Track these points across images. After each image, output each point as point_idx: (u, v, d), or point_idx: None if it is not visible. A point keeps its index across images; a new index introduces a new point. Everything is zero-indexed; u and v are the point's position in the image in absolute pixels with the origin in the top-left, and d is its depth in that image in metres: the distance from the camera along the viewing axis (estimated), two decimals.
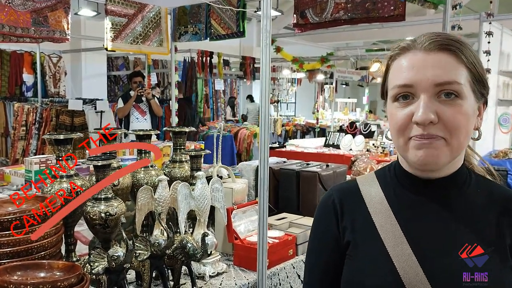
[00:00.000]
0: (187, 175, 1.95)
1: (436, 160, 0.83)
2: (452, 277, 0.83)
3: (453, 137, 0.82)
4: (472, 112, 0.85)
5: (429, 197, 0.89)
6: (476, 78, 0.86)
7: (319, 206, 1.00)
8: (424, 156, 0.83)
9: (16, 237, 1.30)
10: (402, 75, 0.85)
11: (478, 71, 0.86)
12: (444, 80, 0.81)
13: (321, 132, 9.36)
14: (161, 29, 4.44)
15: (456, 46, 0.84)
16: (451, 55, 0.83)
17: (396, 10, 3.08)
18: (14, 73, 7.25)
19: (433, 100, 0.82)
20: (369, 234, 0.90)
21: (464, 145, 0.86)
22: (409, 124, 0.84)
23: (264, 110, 1.72)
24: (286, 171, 2.50)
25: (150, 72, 7.33)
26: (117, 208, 1.54)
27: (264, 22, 1.61)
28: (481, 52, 4.45)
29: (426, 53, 0.84)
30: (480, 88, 0.87)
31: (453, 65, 0.83)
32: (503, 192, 0.92)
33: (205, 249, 1.54)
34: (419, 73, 0.83)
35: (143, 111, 5.58)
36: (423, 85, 0.82)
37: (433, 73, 0.82)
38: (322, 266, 0.97)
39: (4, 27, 3.25)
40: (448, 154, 0.84)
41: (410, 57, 0.85)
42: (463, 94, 0.83)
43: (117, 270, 1.37)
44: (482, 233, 0.86)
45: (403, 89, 0.85)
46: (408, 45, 0.87)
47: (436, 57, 0.83)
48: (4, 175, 3.06)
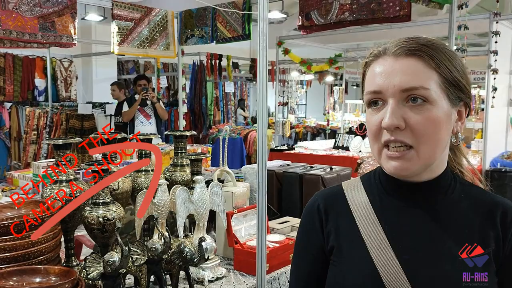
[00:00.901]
0: (188, 179, 1.95)
1: (407, 170, 0.84)
2: (441, 280, 0.83)
3: (420, 144, 0.82)
4: (444, 117, 0.83)
5: (413, 202, 0.89)
6: (450, 82, 0.84)
7: (304, 211, 1.01)
8: (395, 169, 0.84)
9: (13, 242, 1.31)
10: (373, 82, 0.86)
11: (453, 74, 0.84)
12: (410, 85, 0.82)
13: (332, 134, 9.32)
14: (168, 32, 4.46)
15: (424, 50, 0.83)
16: (419, 60, 0.83)
17: (401, 11, 3.05)
18: (26, 78, 7.35)
19: (401, 105, 0.83)
20: (353, 239, 0.90)
21: (436, 152, 0.85)
22: (380, 130, 0.85)
23: (262, 113, 1.70)
24: (289, 175, 2.49)
25: (160, 76, 7.36)
26: (115, 213, 1.54)
27: (260, 25, 1.60)
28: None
29: (394, 59, 0.84)
30: (456, 92, 0.85)
31: (421, 70, 0.83)
32: (487, 198, 0.91)
33: (202, 254, 1.53)
34: (387, 79, 0.84)
35: (148, 114, 5.54)
36: (390, 91, 0.83)
37: (399, 79, 0.82)
38: (306, 271, 0.97)
39: (12, 33, 3.29)
40: (420, 164, 0.84)
41: (380, 63, 0.86)
42: (432, 99, 0.82)
43: (113, 275, 1.37)
44: (468, 237, 0.86)
45: (373, 95, 0.86)
46: (379, 52, 0.87)
47: (404, 63, 0.83)
48: (12, 179, 3.11)
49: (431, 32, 6.62)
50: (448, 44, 2.96)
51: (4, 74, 7.08)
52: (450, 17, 2.94)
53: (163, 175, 1.93)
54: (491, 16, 4.48)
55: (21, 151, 6.59)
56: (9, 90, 7.13)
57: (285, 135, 7.98)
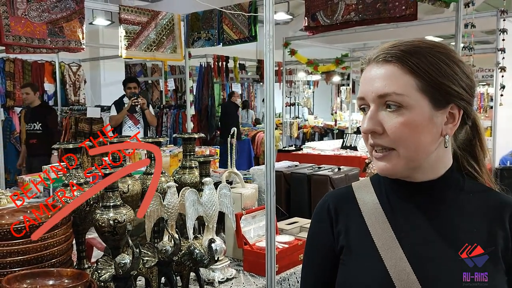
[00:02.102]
0: (197, 181, 1.96)
1: (391, 170, 0.87)
2: (448, 279, 0.83)
3: (400, 148, 0.85)
4: (423, 121, 0.84)
5: (421, 202, 0.90)
6: (432, 85, 0.84)
7: (314, 212, 1.02)
8: (380, 169, 0.88)
9: (26, 245, 1.33)
10: (360, 88, 0.91)
11: (435, 79, 0.84)
12: (384, 92, 0.84)
13: (340, 134, 9.30)
14: (175, 35, 4.48)
15: (400, 56, 0.84)
16: (395, 66, 0.85)
17: (407, 10, 3.04)
18: (35, 83, 7.43)
19: (380, 110, 0.86)
20: (363, 240, 0.90)
21: (417, 155, 0.86)
22: (367, 134, 0.89)
23: (269, 114, 1.72)
24: (297, 175, 2.50)
25: (167, 78, 7.41)
26: (126, 216, 1.56)
27: (267, 27, 1.61)
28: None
29: (375, 66, 0.87)
30: (441, 95, 0.84)
31: (396, 76, 0.84)
32: (496, 198, 0.92)
33: (212, 255, 1.55)
34: (367, 86, 0.87)
35: (137, 120, 5.34)
36: (369, 97, 0.87)
37: (376, 85, 0.85)
38: (317, 271, 0.99)
39: (21, 39, 3.34)
40: (403, 165, 0.86)
41: (367, 69, 0.90)
42: (407, 104, 0.83)
43: (124, 277, 1.39)
44: (476, 236, 0.86)
45: (360, 101, 0.90)
46: (368, 59, 0.90)
47: (382, 69, 0.86)
48: (23, 182, 3.15)
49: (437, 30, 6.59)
50: (455, 42, 2.95)
51: (14, 79, 7.16)
52: (457, 15, 2.93)
53: (172, 178, 1.95)
54: (498, 13, 4.45)
55: None
56: (19, 95, 7.21)
57: (293, 135, 7.98)
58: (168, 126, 6.78)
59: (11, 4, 3.23)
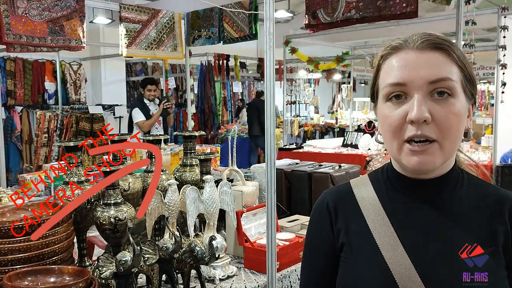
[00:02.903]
0: (198, 179, 1.96)
1: (431, 166, 0.83)
2: (448, 278, 0.83)
3: (445, 138, 0.82)
4: (463, 112, 0.84)
5: (422, 198, 0.89)
6: (467, 78, 0.85)
7: (313, 210, 1.01)
8: (418, 163, 0.82)
9: (28, 243, 1.34)
10: (395, 74, 0.84)
11: (469, 71, 0.86)
12: (438, 77, 0.81)
13: (341, 132, 9.30)
14: (175, 34, 4.48)
15: (447, 45, 0.84)
16: (443, 54, 0.83)
17: (408, 7, 3.04)
18: (36, 82, 7.43)
19: (427, 99, 0.82)
20: (363, 237, 0.90)
21: (455, 146, 0.86)
22: (403, 125, 0.83)
23: (269, 113, 1.72)
24: (298, 173, 2.50)
25: (168, 77, 7.41)
26: (127, 213, 1.56)
27: (267, 25, 1.61)
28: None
29: (418, 52, 0.83)
30: (471, 88, 0.87)
31: (446, 63, 0.83)
32: (495, 192, 0.91)
33: (212, 253, 1.55)
34: (412, 72, 0.82)
35: (159, 121, 5.49)
36: (416, 84, 0.81)
37: (426, 71, 0.81)
38: (318, 269, 0.98)
39: (22, 37, 3.34)
40: (442, 158, 0.83)
41: (402, 56, 0.85)
42: (456, 92, 0.83)
43: (126, 274, 1.39)
44: (476, 232, 0.86)
45: (396, 87, 0.84)
46: (400, 44, 0.86)
47: (429, 56, 0.83)
48: (24, 181, 3.15)
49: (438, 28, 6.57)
50: (456, 40, 2.95)
51: (14, 78, 7.17)
52: (458, 13, 2.93)
53: (173, 175, 1.95)
54: (499, 11, 4.45)
55: (32, 154, 6.67)
56: (19, 94, 7.22)
57: (294, 134, 7.98)
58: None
59: (11, 2, 3.23)
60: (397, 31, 6.38)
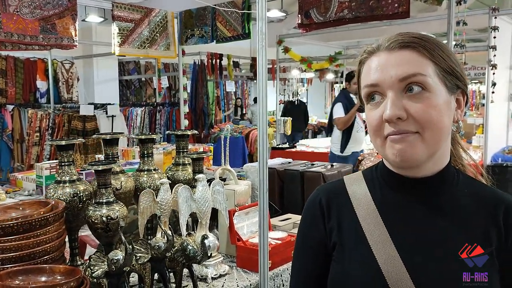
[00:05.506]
0: (190, 178, 1.96)
1: (412, 155, 0.83)
2: (442, 278, 0.82)
3: (425, 131, 0.82)
4: (444, 104, 0.85)
5: (416, 197, 0.89)
6: (446, 70, 0.86)
7: (306, 206, 1.00)
8: (399, 151, 0.83)
9: (19, 242, 1.33)
10: (369, 77, 0.88)
11: (448, 63, 0.86)
12: (407, 73, 0.83)
13: None
14: (168, 33, 4.47)
15: (416, 42, 0.85)
16: (413, 52, 0.85)
17: (400, 7, 3.06)
18: (28, 80, 7.38)
19: (400, 96, 0.83)
20: (356, 236, 0.89)
21: (440, 139, 0.85)
22: (382, 124, 0.85)
23: (262, 112, 1.72)
24: (290, 172, 2.50)
25: (161, 76, 7.38)
26: (119, 212, 1.56)
27: (259, 24, 1.61)
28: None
29: (388, 53, 0.86)
30: (453, 79, 0.87)
31: (416, 59, 0.84)
32: (490, 193, 0.91)
33: (205, 252, 1.55)
34: (383, 72, 0.85)
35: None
36: (388, 83, 0.84)
37: (395, 70, 0.84)
38: (309, 266, 0.97)
39: (13, 36, 3.31)
40: (424, 148, 0.83)
41: (375, 59, 0.88)
42: (430, 86, 0.83)
43: (117, 273, 1.39)
44: (471, 232, 0.86)
45: (370, 88, 0.87)
46: (373, 49, 0.89)
47: (398, 55, 0.85)
48: (16, 180, 3.13)
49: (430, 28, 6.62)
50: (447, 40, 2.97)
51: (6, 77, 7.11)
52: (449, 13, 2.95)
53: (165, 174, 1.95)
54: (490, 11, 4.49)
55: (24, 153, 6.62)
56: (11, 92, 7.16)
57: (287, 133, 7.98)
58: (162, 124, 6.76)
59: (2, 0, 3.21)
60: (389, 31, 6.41)
